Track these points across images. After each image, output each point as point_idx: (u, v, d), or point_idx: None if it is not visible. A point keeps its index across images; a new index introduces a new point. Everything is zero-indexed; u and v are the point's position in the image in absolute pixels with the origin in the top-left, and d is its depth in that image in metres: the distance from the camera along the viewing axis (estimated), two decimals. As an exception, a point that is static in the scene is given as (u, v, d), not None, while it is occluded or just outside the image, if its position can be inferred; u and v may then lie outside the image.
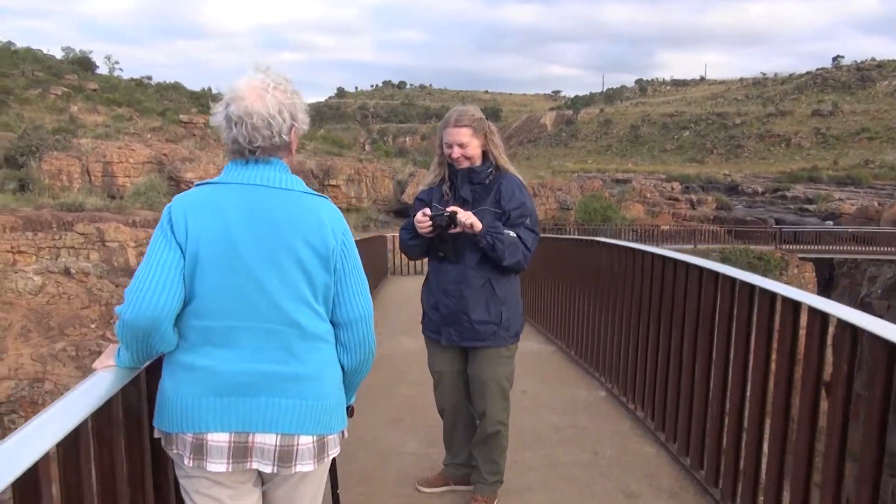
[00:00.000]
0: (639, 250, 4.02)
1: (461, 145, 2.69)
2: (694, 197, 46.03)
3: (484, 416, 2.80)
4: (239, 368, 1.56)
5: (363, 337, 1.71)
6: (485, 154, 2.76)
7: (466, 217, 2.60)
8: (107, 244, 19.92)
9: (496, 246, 2.62)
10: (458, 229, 2.63)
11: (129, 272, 19.52)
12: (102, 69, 55.53)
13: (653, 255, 3.75)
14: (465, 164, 2.74)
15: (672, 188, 49.96)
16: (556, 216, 32.43)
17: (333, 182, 28.54)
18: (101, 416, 1.49)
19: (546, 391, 4.65)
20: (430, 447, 3.51)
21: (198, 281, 1.54)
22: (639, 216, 35.67)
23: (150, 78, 54.67)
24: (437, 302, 2.78)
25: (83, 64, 52.60)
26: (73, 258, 18.74)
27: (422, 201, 2.81)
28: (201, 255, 1.54)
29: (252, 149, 1.62)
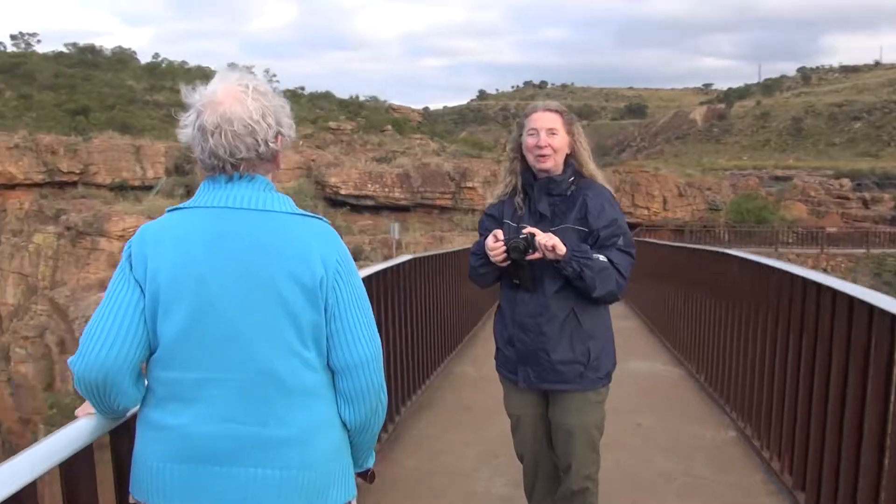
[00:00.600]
0: (776, 268, 3.39)
1: (551, 131, 2.31)
2: (867, 195, 41.38)
3: (569, 471, 2.39)
4: (210, 430, 1.30)
5: (366, 385, 1.41)
6: (566, 161, 2.37)
7: (547, 239, 2.20)
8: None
9: (584, 274, 2.21)
10: (536, 255, 2.23)
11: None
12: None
13: (791, 275, 3.13)
14: (549, 164, 2.33)
15: (841, 185, 45.21)
16: (705, 217, 30.43)
17: (469, 184, 28.58)
18: (69, 471, 1.31)
19: (663, 427, 4.11)
20: (519, 489, 3.14)
21: (160, 325, 1.30)
22: (801, 217, 32.68)
23: (303, 88, 57.92)
24: (512, 337, 2.39)
25: (245, 78, 56.73)
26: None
27: (491, 217, 2.45)
28: (162, 294, 1.30)
29: (235, 161, 1.37)
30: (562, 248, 2.20)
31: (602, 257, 2.25)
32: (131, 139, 29.06)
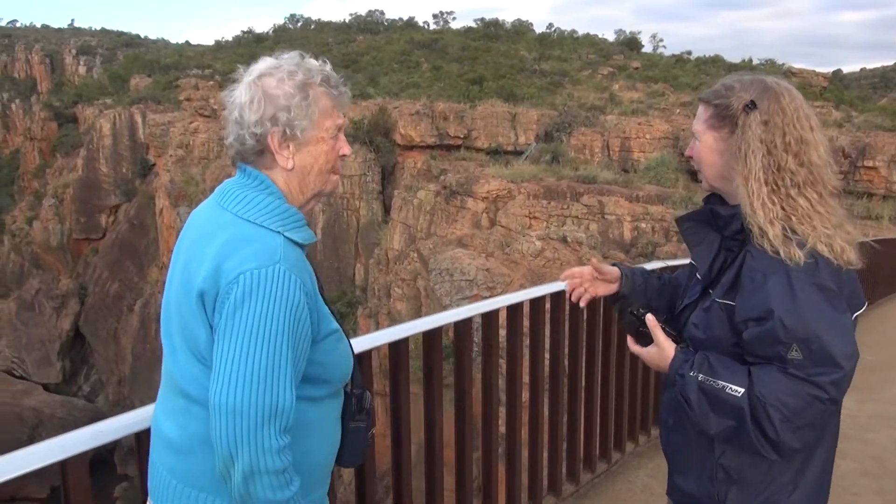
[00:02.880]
0: None
1: (695, 135, 1.67)
2: None
3: None
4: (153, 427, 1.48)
5: (219, 436, 1.23)
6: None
7: (653, 326, 1.63)
8: (605, 216, 20.95)
9: (689, 397, 1.52)
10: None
11: (623, 246, 20.20)
12: (647, 48, 58.31)
13: None
14: (705, 184, 1.71)
15: None
16: None
17: (869, 163, 23.68)
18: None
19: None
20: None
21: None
22: None
23: (689, 53, 54.85)
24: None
25: (630, 44, 56.11)
26: (574, 227, 20.27)
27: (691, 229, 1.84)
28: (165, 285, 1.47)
29: (230, 148, 1.44)
30: (668, 352, 1.60)
31: (738, 388, 1.46)
32: (510, 106, 31.15)
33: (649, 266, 3.54)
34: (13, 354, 40.34)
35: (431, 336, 2.60)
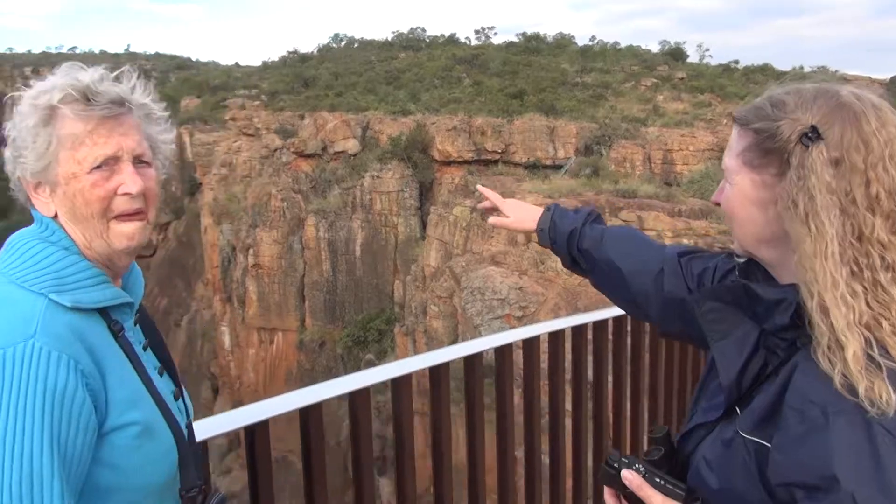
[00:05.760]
0: None
1: (725, 174, 1.18)
2: None
3: None
4: None
5: None
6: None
7: (638, 487, 1.11)
8: (645, 232, 20.34)
9: None
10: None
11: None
12: (693, 58, 56.97)
13: None
14: (736, 245, 1.20)
15: None
16: None
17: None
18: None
19: None
20: None
21: None
22: None
23: (737, 62, 53.31)
24: None
25: (675, 55, 54.90)
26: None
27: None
28: None
29: None
30: None
31: None
32: (548, 120, 30.76)
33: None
34: (67, 369, 41.66)
35: (472, 361, 2.65)
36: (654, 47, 58.46)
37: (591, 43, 59.01)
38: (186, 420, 1.31)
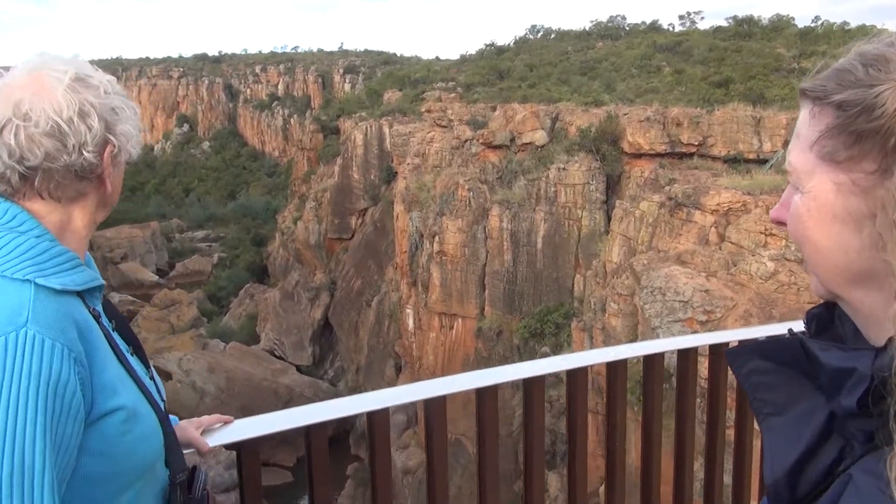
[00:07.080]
0: None
1: (790, 178, 0.81)
2: None
3: None
4: None
5: None
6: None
7: None
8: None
9: None
10: None
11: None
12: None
13: None
14: (815, 286, 0.82)
15: None
16: None
17: None
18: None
19: None
20: None
21: None
22: None
23: None
24: None
25: (922, 33, 47.81)
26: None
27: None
28: None
29: (24, 172, 1.07)
30: None
31: None
32: (754, 110, 28.19)
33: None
34: (275, 337, 46.23)
35: (652, 361, 2.53)
36: (894, 26, 51.17)
37: (813, 24, 53.08)
38: (163, 400, 1.25)
